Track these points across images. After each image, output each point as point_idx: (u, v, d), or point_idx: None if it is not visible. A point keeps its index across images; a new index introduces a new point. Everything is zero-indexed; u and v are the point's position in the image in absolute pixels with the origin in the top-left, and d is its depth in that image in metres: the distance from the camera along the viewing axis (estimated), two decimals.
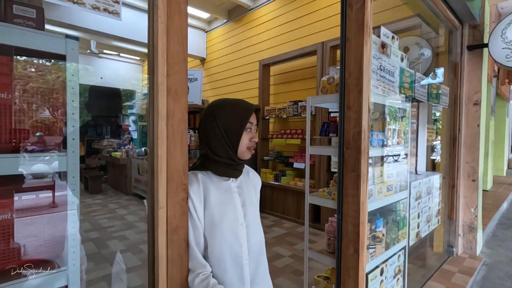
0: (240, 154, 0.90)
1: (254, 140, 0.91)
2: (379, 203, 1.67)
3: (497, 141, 7.89)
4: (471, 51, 2.90)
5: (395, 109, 1.84)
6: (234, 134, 0.86)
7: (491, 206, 4.70)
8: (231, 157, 0.88)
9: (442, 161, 2.97)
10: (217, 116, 0.87)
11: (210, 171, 0.88)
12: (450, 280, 2.41)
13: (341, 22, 1.48)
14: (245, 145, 0.89)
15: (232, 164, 0.90)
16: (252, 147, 0.92)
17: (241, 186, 0.97)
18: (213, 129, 0.86)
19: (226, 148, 0.86)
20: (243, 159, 0.92)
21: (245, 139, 0.89)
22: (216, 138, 0.86)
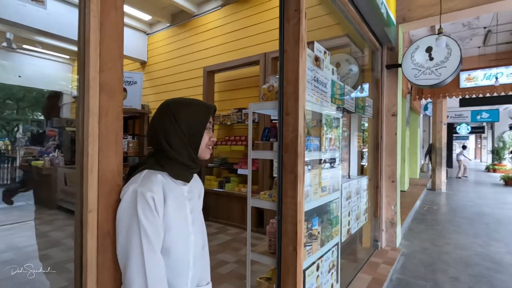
0: (200, 153, 0.91)
1: (213, 139, 0.93)
2: (315, 203, 1.81)
3: (411, 148, 9.18)
4: (389, 69, 3.37)
5: (329, 117, 2.03)
6: (196, 133, 0.86)
7: (408, 204, 5.43)
8: (192, 156, 0.87)
9: (369, 165, 3.34)
10: (177, 115, 0.85)
11: (167, 173, 0.85)
12: (376, 271, 2.70)
13: (280, 35, 1.59)
14: (205, 143, 0.91)
15: (191, 166, 0.88)
16: (211, 146, 0.93)
17: (191, 192, 0.95)
18: (174, 128, 0.84)
19: (187, 147, 0.85)
20: (203, 158, 0.92)
21: (206, 138, 0.90)
22: (178, 137, 0.84)
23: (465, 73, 6.38)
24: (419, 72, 3.05)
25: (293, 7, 1.56)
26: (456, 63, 2.88)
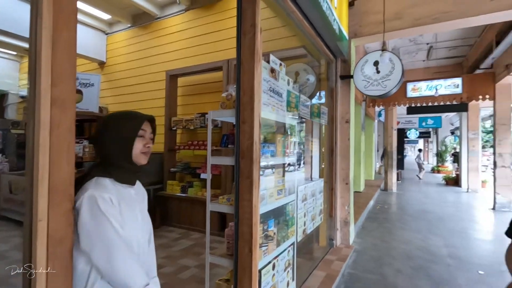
0: (135, 159, 0.99)
1: (148, 146, 1.02)
2: (271, 206, 1.92)
3: (367, 152, 9.85)
4: (343, 80, 3.65)
5: (285, 125, 2.16)
6: (127, 140, 0.96)
7: (362, 204, 5.84)
8: (127, 162, 0.97)
9: (324, 168, 3.57)
10: (110, 126, 0.97)
11: (113, 178, 0.95)
12: (330, 267, 2.90)
13: (237, 47, 1.69)
14: (138, 150, 0.99)
15: (132, 170, 1.00)
16: (147, 152, 1.03)
17: (137, 194, 1.07)
18: (109, 138, 0.95)
19: (121, 155, 0.95)
20: (140, 163, 1.01)
21: (139, 145, 0.99)
22: (113, 146, 0.95)
23: (411, 84, 7.04)
24: (368, 84, 3.35)
25: (249, 22, 1.67)
26: (398, 76, 3.22)
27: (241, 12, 1.69)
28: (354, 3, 3.55)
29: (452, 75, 7.56)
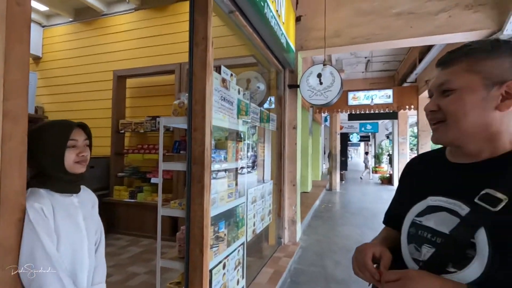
0: (70, 169, 0.97)
1: (82, 154, 0.99)
2: (222, 209, 2.03)
3: (314, 154, 10.53)
4: (290, 89, 3.93)
5: (235, 131, 2.29)
6: (56, 152, 0.94)
7: (309, 203, 6.27)
8: (63, 172, 0.96)
9: (274, 171, 3.79)
10: (40, 138, 0.94)
11: (49, 189, 0.93)
12: (278, 264, 3.11)
13: (189, 57, 1.77)
14: (72, 160, 0.97)
15: (69, 180, 0.98)
16: (83, 161, 1.00)
17: (82, 202, 1.05)
18: (40, 151, 0.92)
19: (53, 166, 0.94)
20: (76, 172, 0.99)
21: (71, 155, 0.97)
22: (45, 158, 0.93)
23: (351, 93, 7.78)
24: (313, 93, 3.67)
25: (201, 34, 1.76)
26: (338, 88, 3.60)
27: (193, 24, 1.78)
28: (300, 19, 3.86)
29: (386, 86, 8.56)
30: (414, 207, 0.72)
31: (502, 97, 0.60)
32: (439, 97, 0.66)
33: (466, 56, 0.63)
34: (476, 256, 0.57)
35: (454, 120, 0.63)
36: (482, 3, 3.25)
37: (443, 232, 0.63)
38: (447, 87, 0.64)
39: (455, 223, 0.61)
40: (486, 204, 0.57)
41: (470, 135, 0.63)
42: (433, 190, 0.69)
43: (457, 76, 0.62)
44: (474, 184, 0.62)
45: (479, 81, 0.61)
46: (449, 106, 0.63)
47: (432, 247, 0.64)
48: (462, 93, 0.62)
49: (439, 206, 0.66)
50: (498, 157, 0.63)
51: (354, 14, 3.68)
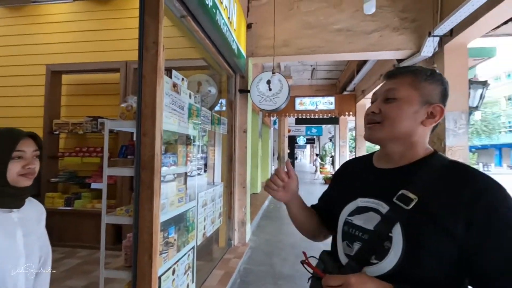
0: (12, 182, 0.90)
1: (28, 167, 0.92)
2: (172, 214, 2.01)
3: (264, 156, 10.84)
4: (241, 93, 4.03)
5: (186, 136, 2.29)
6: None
7: (259, 204, 6.45)
8: (4, 185, 0.88)
9: (224, 174, 3.84)
10: None
11: None
12: (228, 265, 3.16)
13: (139, 61, 1.73)
14: (15, 172, 0.89)
15: (13, 194, 0.90)
16: (29, 174, 0.93)
17: (23, 217, 0.96)
18: None
19: None
20: (21, 186, 0.92)
21: (16, 167, 0.89)
22: None
23: (298, 99, 8.24)
24: (262, 99, 3.83)
25: (152, 38, 1.74)
26: (286, 95, 3.81)
27: (144, 27, 1.75)
28: (251, 26, 3.99)
29: (329, 93, 9.26)
30: (346, 207, 0.80)
31: (427, 115, 0.72)
32: (382, 103, 0.75)
33: (412, 74, 0.74)
34: (392, 247, 0.66)
35: (390, 123, 0.73)
36: (405, 27, 3.77)
37: (369, 229, 0.71)
38: (392, 95, 0.73)
39: (378, 220, 0.70)
40: (401, 203, 0.67)
41: (397, 138, 0.73)
42: (361, 192, 0.78)
43: (401, 88, 0.73)
44: (393, 186, 0.71)
45: (417, 97, 0.72)
46: (390, 111, 0.73)
47: (361, 243, 0.72)
48: (402, 103, 0.72)
49: (367, 207, 0.75)
50: (412, 163, 0.74)
51: (301, 26, 3.95)
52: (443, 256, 0.63)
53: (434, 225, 0.63)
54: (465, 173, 0.67)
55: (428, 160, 0.73)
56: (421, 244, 0.63)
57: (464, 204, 0.61)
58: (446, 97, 0.75)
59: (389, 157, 0.78)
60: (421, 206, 0.65)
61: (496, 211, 0.60)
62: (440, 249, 0.62)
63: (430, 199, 0.65)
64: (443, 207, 0.63)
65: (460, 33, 3.11)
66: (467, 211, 0.61)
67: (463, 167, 0.69)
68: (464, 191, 0.63)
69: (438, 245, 0.62)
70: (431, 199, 0.65)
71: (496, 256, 0.59)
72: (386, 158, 0.79)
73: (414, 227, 0.65)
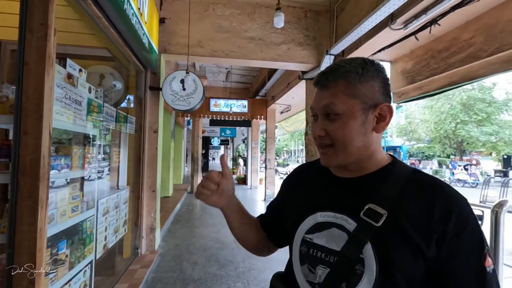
0: None
1: None
2: (63, 226, 1.73)
3: (176, 158, 10.42)
4: (152, 91, 3.77)
5: (83, 135, 2.00)
6: None
7: (170, 208, 6.15)
8: None
9: (131, 177, 3.52)
10: None
11: None
12: (133, 277, 2.91)
13: (19, 45, 1.43)
14: None
15: None
16: None
17: None
18: None
19: None
20: None
21: None
22: None
23: (213, 100, 8.25)
24: (175, 98, 3.69)
25: (38, 19, 1.46)
26: (200, 95, 3.77)
27: (27, 4, 1.45)
28: (164, 21, 3.79)
29: (242, 97, 9.60)
30: (302, 223, 0.70)
31: (377, 119, 0.65)
32: (325, 121, 0.66)
33: (343, 79, 0.64)
34: (365, 271, 0.58)
35: (342, 145, 0.64)
36: (308, 43, 4.27)
37: (335, 249, 0.62)
38: (331, 110, 0.64)
39: (345, 240, 0.61)
40: (370, 219, 0.59)
41: (355, 156, 0.65)
42: (321, 204, 0.69)
43: (339, 100, 0.63)
44: (357, 199, 0.64)
45: (358, 106, 0.63)
46: (336, 133, 0.64)
47: (327, 268, 0.63)
48: (346, 119, 0.63)
49: (328, 222, 0.65)
50: (375, 172, 0.67)
51: (214, 29, 3.98)
52: (415, 277, 0.57)
53: (406, 243, 0.57)
54: (433, 187, 0.61)
55: (390, 170, 0.66)
56: (395, 265, 0.57)
57: (435, 224, 0.57)
58: (388, 89, 0.67)
59: (347, 167, 0.69)
60: (390, 223, 0.58)
61: (465, 230, 0.56)
62: (412, 269, 0.57)
63: (399, 214, 0.59)
64: (414, 225, 0.57)
65: (349, 54, 3.72)
66: (438, 231, 0.56)
67: (428, 180, 0.63)
68: (435, 209, 0.58)
69: (410, 265, 0.57)
70: (400, 214, 0.59)
71: (464, 276, 0.56)
72: (344, 167, 0.70)
73: (386, 246, 0.58)
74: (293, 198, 0.80)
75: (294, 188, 0.82)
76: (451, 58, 3.16)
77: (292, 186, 0.85)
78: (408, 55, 3.89)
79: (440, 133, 23.38)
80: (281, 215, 0.83)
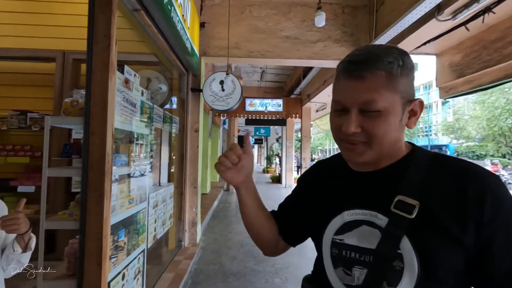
0: None
1: None
2: (122, 216, 1.92)
3: (213, 156, 10.78)
4: (193, 92, 3.98)
5: (138, 134, 2.20)
6: None
7: (208, 204, 6.41)
8: None
9: (176, 174, 3.75)
10: None
11: None
12: (178, 267, 3.10)
13: (88, 55, 1.62)
14: None
15: None
16: None
17: None
18: None
19: None
20: None
21: None
22: None
23: (248, 100, 8.41)
24: (215, 99, 3.84)
25: (103, 31, 1.65)
26: (238, 96, 3.89)
27: (94, 19, 1.64)
28: (204, 25, 3.97)
29: (276, 96, 9.64)
30: (329, 225, 0.66)
31: (409, 115, 0.61)
32: (361, 116, 0.58)
33: (385, 70, 0.56)
34: (404, 267, 0.55)
35: (379, 142, 0.59)
36: (346, 39, 4.18)
37: (369, 248, 0.59)
38: (370, 107, 0.57)
39: (378, 236, 0.58)
40: (402, 212, 0.56)
41: (385, 152, 0.62)
42: (346, 203, 0.65)
43: (381, 95, 0.56)
44: (384, 192, 0.61)
45: (398, 101, 0.58)
46: (377, 129, 0.58)
47: (364, 268, 0.59)
48: (387, 115, 0.57)
49: (357, 220, 0.62)
50: (397, 162, 0.63)
51: (251, 30, 4.07)
52: (457, 267, 0.55)
53: (443, 233, 0.54)
54: (460, 170, 0.58)
55: (412, 158, 0.63)
56: (435, 257, 0.54)
57: (470, 208, 0.53)
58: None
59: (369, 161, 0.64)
60: (424, 213, 0.55)
61: (501, 209, 0.53)
62: (453, 259, 0.54)
63: (430, 203, 0.56)
64: (448, 212, 0.54)
65: None
66: (474, 216, 0.53)
67: (454, 163, 0.60)
68: (466, 192, 0.54)
69: (451, 255, 0.54)
70: (432, 203, 0.56)
71: (508, 255, 0.53)
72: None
73: (424, 238, 0.55)
74: (313, 198, 0.75)
75: (313, 187, 0.77)
76: (506, 48, 2.90)
77: (310, 185, 0.79)
78: (456, 47, 3.63)
79: (494, 131, 21.31)
80: (297, 213, 0.79)
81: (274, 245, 0.85)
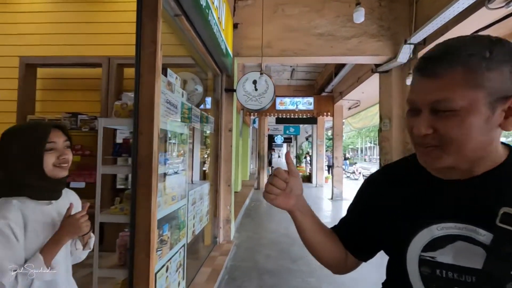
0: (49, 174, 0.91)
1: (63, 158, 0.94)
2: (166, 211, 2.03)
3: (243, 155, 10.92)
4: (227, 92, 4.07)
5: (178, 134, 2.30)
6: (34, 156, 0.89)
7: (240, 202, 6.52)
8: (41, 178, 0.90)
9: (210, 172, 3.87)
10: (11, 142, 0.88)
11: (26, 197, 0.87)
12: (214, 263, 3.20)
13: (136, 60, 1.73)
14: (51, 164, 0.91)
15: (50, 187, 0.93)
16: (63, 164, 0.95)
17: (62, 208, 0.98)
18: (12, 157, 0.88)
19: (32, 172, 0.89)
20: (58, 177, 0.93)
21: (51, 159, 0.91)
22: (19, 165, 0.88)
23: (279, 99, 8.39)
24: (248, 99, 3.90)
25: (149, 38, 1.75)
26: (271, 95, 3.91)
27: (141, 26, 1.75)
28: (237, 26, 4.04)
29: (307, 94, 9.50)
30: (414, 240, 0.58)
31: (506, 114, 0.52)
32: (433, 116, 0.53)
33: (463, 65, 0.50)
34: None
35: (456, 147, 0.52)
36: (383, 34, 4.02)
37: (470, 267, 0.52)
38: (445, 107, 0.51)
39: (481, 255, 0.51)
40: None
41: (469, 158, 0.54)
42: (434, 215, 0.57)
43: (456, 94, 0.50)
44: (481, 204, 0.54)
45: (483, 98, 0.50)
46: (451, 132, 0.52)
47: None
48: (466, 115, 0.50)
49: (450, 235, 0.55)
50: (494, 169, 0.56)
51: (283, 28, 4.06)
52: None
53: None
54: None
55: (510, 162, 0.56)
56: None
57: None
58: None
59: (456, 167, 0.57)
60: None
61: None
62: None
63: None
64: None
65: (432, 42, 3.38)
66: None
67: None
68: None
69: None
70: None
71: None
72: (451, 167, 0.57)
73: None
74: (385, 209, 0.66)
75: (383, 196, 0.68)
76: None
77: (378, 193, 0.70)
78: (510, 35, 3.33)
79: None
80: (366, 227, 0.72)
81: (343, 264, 0.77)
